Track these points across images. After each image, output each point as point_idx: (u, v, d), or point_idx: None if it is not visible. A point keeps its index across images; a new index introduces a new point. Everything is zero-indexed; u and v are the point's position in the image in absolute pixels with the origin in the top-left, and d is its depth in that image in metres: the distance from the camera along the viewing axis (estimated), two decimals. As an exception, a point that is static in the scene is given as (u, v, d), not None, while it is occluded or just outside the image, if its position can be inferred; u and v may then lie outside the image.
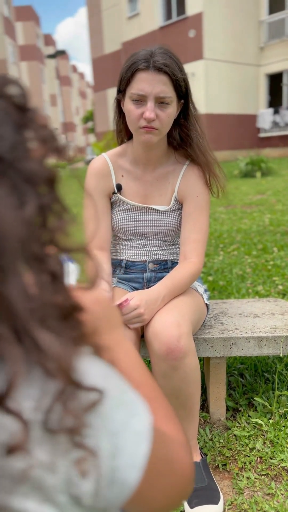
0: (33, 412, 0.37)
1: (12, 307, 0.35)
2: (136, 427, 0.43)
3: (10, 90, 0.39)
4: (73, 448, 0.38)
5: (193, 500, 1.26)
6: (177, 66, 1.30)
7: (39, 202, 0.37)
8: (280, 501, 1.28)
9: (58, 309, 0.39)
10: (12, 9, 31.07)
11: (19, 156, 0.36)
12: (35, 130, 0.39)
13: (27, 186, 0.36)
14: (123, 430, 0.41)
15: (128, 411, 0.42)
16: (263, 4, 16.49)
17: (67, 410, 0.38)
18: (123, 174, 1.49)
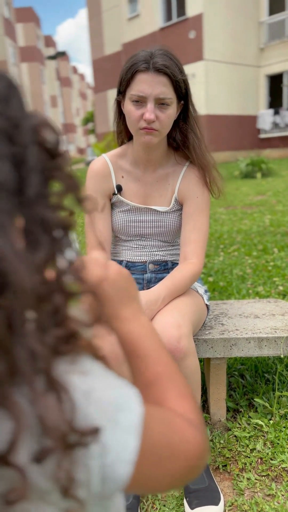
0: (29, 465, 0.38)
1: (17, 367, 0.36)
2: (124, 422, 0.43)
3: (45, 133, 0.39)
4: (63, 500, 0.40)
5: (193, 501, 1.26)
6: (177, 67, 1.31)
7: (52, 247, 0.39)
8: (280, 502, 1.27)
9: (57, 341, 0.40)
10: (12, 10, 31.13)
11: (40, 204, 0.38)
12: (60, 178, 0.40)
13: (42, 232, 0.38)
14: (110, 428, 0.42)
15: (114, 407, 0.43)
16: (263, 5, 16.50)
17: (59, 467, 0.39)
18: (123, 175, 1.49)
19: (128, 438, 0.43)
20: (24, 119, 0.38)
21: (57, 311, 0.40)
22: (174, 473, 0.49)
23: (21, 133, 0.38)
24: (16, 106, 0.38)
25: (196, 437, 0.51)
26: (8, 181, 0.36)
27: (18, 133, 0.37)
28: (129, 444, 0.43)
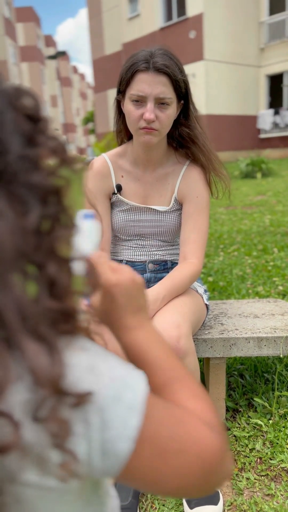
0: (22, 414, 0.39)
1: (2, 317, 0.36)
2: (127, 399, 0.43)
3: (24, 101, 0.40)
4: (55, 451, 0.40)
5: (192, 500, 1.26)
6: (177, 67, 1.31)
7: (43, 212, 0.38)
8: (279, 502, 1.27)
9: (53, 314, 0.40)
10: (12, 10, 31.13)
11: (25, 168, 0.38)
12: (44, 142, 0.40)
13: (31, 197, 0.38)
14: (113, 404, 0.42)
15: (118, 383, 0.43)
16: (264, 5, 16.50)
17: (52, 417, 0.39)
18: (123, 175, 1.49)
19: (130, 415, 0.43)
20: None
21: (54, 282, 0.40)
22: (184, 472, 0.46)
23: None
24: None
25: (212, 437, 0.48)
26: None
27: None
28: (131, 422, 0.43)
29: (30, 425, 0.39)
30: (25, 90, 0.40)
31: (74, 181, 0.42)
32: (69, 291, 0.42)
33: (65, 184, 0.41)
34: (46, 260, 0.39)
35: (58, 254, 0.40)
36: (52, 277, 0.39)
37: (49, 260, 0.39)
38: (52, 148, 0.40)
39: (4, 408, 0.38)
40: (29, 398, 0.39)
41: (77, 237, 0.42)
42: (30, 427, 0.39)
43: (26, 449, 0.39)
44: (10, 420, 0.37)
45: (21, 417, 0.39)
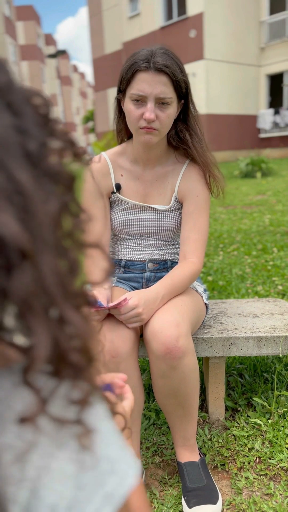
0: (46, 387, 0.40)
1: (43, 281, 0.37)
2: (109, 487, 0.40)
3: (36, 100, 0.42)
4: (75, 424, 0.40)
5: (191, 499, 1.26)
6: (178, 67, 1.30)
7: (60, 199, 0.40)
8: (278, 501, 1.28)
9: (75, 294, 0.41)
10: (13, 9, 31.08)
11: (45, 155, 0.40)
12: (57, 137, 0.42)
13: (50, 184, 0.40)
14: (93, 487, 0.39)
15: (107, 467, 0.41)
16: (264, 5, 16.48)
17: (77, 385, 0.40)
18: (122, 173, 1.49)
19: (104, 506, 0.39)
20: (14, 85, 0.41)
21: (73, 267, 0.41)
22: None
23: (13, 93, 0.40)
24: (4, 75, 0.41)
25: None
26: (11, 125, 0.38)
27: (11, 92, 0.40)
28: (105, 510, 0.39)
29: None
30: (37, 91, 0.43)
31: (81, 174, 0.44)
32: (83, 283, 0.43)
33: (76, 175, 0.43)
34: (67, 245, 0.41)
35: (75, 240, 0.42)
36: (71, 263, 0.41)
37: (69, 245, 0.41)
38: (64, 142, 0.43)
39: (34, 381, 0.39)
40: (50, 385, 0.40)
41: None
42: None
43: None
44: (36, 393, 0.38)
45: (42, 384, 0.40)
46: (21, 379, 0.38)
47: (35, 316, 0.37)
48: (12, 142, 0.37)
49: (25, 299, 0.36)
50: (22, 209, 0.36)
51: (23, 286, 0.36)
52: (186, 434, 1.35)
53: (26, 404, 0.39)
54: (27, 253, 0.36)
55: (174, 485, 1.38)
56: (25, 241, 0.35)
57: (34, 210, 0.37)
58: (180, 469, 1.35)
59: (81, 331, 0.39)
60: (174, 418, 1.33)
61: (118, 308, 1.24)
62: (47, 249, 0.38)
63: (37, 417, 0.38)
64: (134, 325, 1.27)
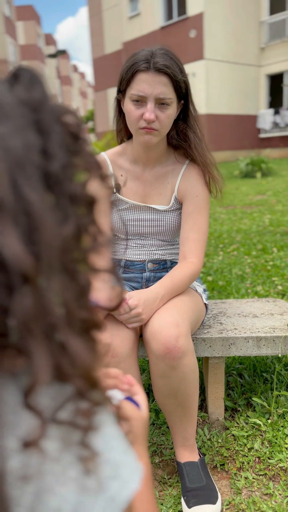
0: (49, 410, 0.39)
1: (45, 306, 0.37)
2: (112, 491, 0.41)
3: (67, 119, 0.42)
4: (80, 447, 0.40)
5: (191, 499, 1.26)
6: (178, 67, 1.30)
7: (78, 222, 0.40)
8: (278, 501, 1.28)
9: (81, 322, 0.41)
10: (13, 9, 31.08)
11: (67, 177, 0.40)
12: (83, 157, 0.42)
13: (70, 206, 0.39)
14: (96, 491, 0.40)
15: (110, 471, 0.41)
16: (264, 5, 16.48)
17: (79, 410, 0.40)
18: (122, 174, 1.49)
19: (107, 509, 0.40)
20: (47, 102, 0.41)
21: (83, 291, 0.40)
22: None
23: (44, 111, 0.40)
24: (39, 91, 0.41)
25: None
26: (35, 144, 0.38)
27: (42, 109, 0.40)
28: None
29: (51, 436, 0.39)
30: (70, 110, 0.43)
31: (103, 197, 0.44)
32: (94, 306, 0.43)
33: (97, 198, 0.42)
34: (78, 269, 0.40)
35: (89, 265, 0.41)
36: (82, 287, 0.40)
37: (81, 269, 0.41)
38: (90, 164, 0.42)
39: (34, 404, 0.38)
40: (55, 400, 0.40)
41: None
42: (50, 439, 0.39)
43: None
44: (38, 416, 0.38)
45: (47, 415, 0.39)
46: (23, 402, 0.38)
47: (34, 339, 0.37)
48: (30, 161, 0.37)
49: (25, 322, 0.36)
50: (29, 231, 0.36)
51: (22, 309, 0.35)
52: (185, 434, 1.35)
53: (29, 427, 0.39)
54: (29, 277, 0.35)
55: (173, 485, 1.38)
56: (27, 264, 0.35)
57: (44, 233, 0.36)
58: (180, 469, 1.35)
59: (83, 359, 0.39)
60: (173, 418, 1.33)
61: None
62: (53, 274, 0.37)
63: (40, 440, 0.38)
64: (133, 325, 1.27)
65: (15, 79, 0.42)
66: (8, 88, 0.41)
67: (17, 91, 0.40)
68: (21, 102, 0.39)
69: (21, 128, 0.38)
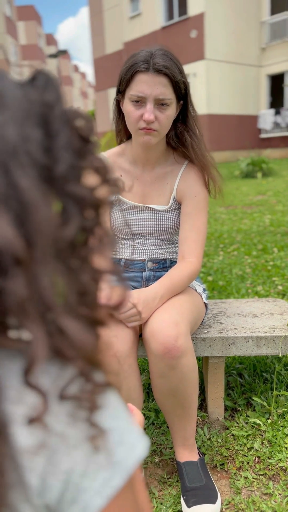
0: (51, 388, 0.40)
1: (39, 289, 0.38)
2: (118, 456, 0.42)
3: (79, 122, 0.43)
4: (87, 425, 0.41)
5: (190, 499, 1.26)
6: (177, 68, 1.30)
7: (83, 224, 0.41)
8: (277, 501, 1.28)
9: (84, 318, 0.41)
10: (14, 9, 31.09)
11: (72, 179, 0.40)
12: (91, 161, 0.43)
13: (74, 208, 0.40)
14: (104, 456, 0.41)
15: (116, 437, 0.43)
16: (265, 5, 16.47)
17: (82, 391, 0.41)
18: (121, 174, 1.49)
19: (115, 476, 0.42)
20: (58, 105, 0.42)
21: (86, 292, 0.41)
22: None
23: (54, 114, 0.41)
24: (52, 94, 0.42)
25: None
26: (34, 137, 0.39)
27: (52, 113, 0.41)
28: (113, 482, 0.42)
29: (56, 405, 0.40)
30: (82, 114, 0.44)
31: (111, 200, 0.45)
32: (96, 303, 0.43)
33: (104, 201, 0.43)
34: (80, 269, 0.41)
35: (91, 265, 0.42)
36: (84, 286, 0.41)
37: (83, 269, 0.41)
38: (98, 167, 0.43)
39: (35, 382, 0.39)
40: (58, 378, 0.41)
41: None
42: (56, 408, 0.40)
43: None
44: (39, 393, 0.39)
45: (48, 392, 0.40)
46: (23, 380, 0.39)
47: (29, 319, 0.38)
48: (25, 151, 0.38)
49: (19, 302, 0.37)
50: (21, 216, 0.36)
51: (15, 289, 0.36)
52: (185, 434, 1.35)
53: (32, 404, 0.40)
54: (21, 260, 0.36)
55: (173, 484, 1.38)
56: (18, 247, 0.35)
57: (34, 219, 0.37)
58: (179, 469, 1.35)
59: (82, 342, 0.39)
60: (173, 417, 1.33)
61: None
62: (47, 259, 0.38)
63: (44, 416, 0.39)
64: (133, 324, 1.27)
65: (31, 81, 0.43)
66: (19, 86, 0.41)
67: (28, 90, 0.41)
68: (29, 98, 0.40)
69: (21, 119, 0.39)
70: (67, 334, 0.39)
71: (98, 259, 0.43)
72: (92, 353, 0.41)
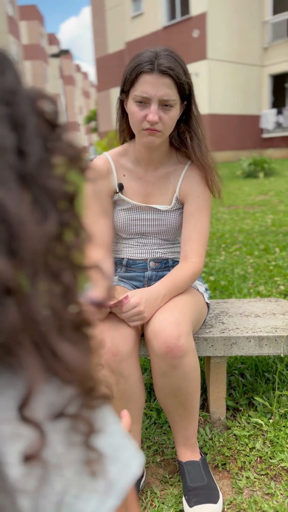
0: (47, 420, 0.38)
1: (32, 315, 0.35)
2: (111, 476, 0.41)
3: (43, 105, 0.39)
4: (85, 449, 0.39)
5: (192, 498, 1.26)
6: (182, 69, 1.30)
7: (59, 218, 0.38)
8: (279, 501, 1.27)
9: (70, 321, 0.39)
10: (16, 8, 31.10)
11: (44, 173, 0.37)
12: (62, 149, 0.40)
13: (49, 202, 0.37)
14: (97, 475, 0.39)
15: (112, 452, 0.41)
16: (267, 5, 16.46)
17: (79, 416, 0.39)
18: (124, 174, 1.49)
19: (109, 498, 0.40)
20: (20, 89, 0.39)
21: (68, 290, 0.39)
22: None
23: (18, 101, 0.38)
24: (11, 77, 0.39)
25: None
26: (8, 143, 0.36)
27: (15, 100, 0.38)
28: (108, 503, 0.40)
29: (52, 427, 0.38)
30: (45, 94, 0.40)
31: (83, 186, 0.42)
32: (78, 301, 0.41)
33: (77, 191, 0.40)
34: (62, 268, 0.39)
35: (73, 262, 0.40)
36: (67, 284, 0.39)
37: (65, 268, 0.39)
38: (69, 155, 0.40)
39: (31, 414, 0.37)
40: (55, 400, 0.39)
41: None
42: (52, 430, 0.38)
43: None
44: (36, 428, 0.37)
45: (44, 419, 0.38)
46: (18, 416, 0.37)
47: (24, 351, 0.36)
48: (4, 164, 0.35)
49: (12, 335, 0.35)
50: (9, 240, 0.34)
51: (8, 322, 0.34)
52: (187, 434, 1.35)
53: (28, 441, 0.37)
54: (12, 289, 0.34)
55: (175, 484, 1.38)
56: (9, 276, 0.33)
57: (23, 240, 0.34)
58: (181, 468, 1.35)
59: (76, 364, 0.38)
60: (175, 417, 1.33)
61: (119, 306, 1.24)
62: (38, 278, 0.36)
63: (41, 452, 0.37)
64: (135, 323, 1.27)
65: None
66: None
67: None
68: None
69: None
70: (62, 358, 0.37)
71: (76, 254, 0.40)
72: (87, 374, 0.39)
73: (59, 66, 28.52)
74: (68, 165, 0.40)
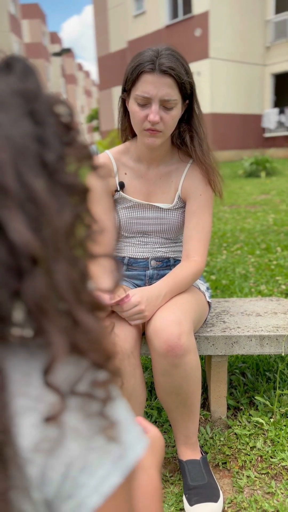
0: (67, 385, 0.41)
1: (57, 286, 0.39)
2: (117, 453, 0.43)
3: (59, 109, 0.43)
4: (99, 417, 0.42)
5: (192, 497, 1.26)
6: (183, 68, 1.29)
7: (74, 210, 0.41)
8: (280, 500, 1.27)
9: (88, 297, 0.43)
10: (18, 7, 31.10)
11: (61, 168, 0.41)
12: (76, 148, 0.43)
13: (65, 195, 0.41)
14: (103, 451, 0.42)
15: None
16: (270, 4, 16.42)
17: (97, 382, 0.42)
18: (126, 172, 1.49)
19: (114, 473, 0.42)
20: (41, 93, 0.42)
21: (83, 276, 0.42)
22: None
23: (39, 103, 0.41)
24: (34, 82, 0.43)
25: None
26: (33, 134, 0.39)
27: (37, 102, 0.41)
28: (111, 479, 0.42)
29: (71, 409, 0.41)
30: (62, 100, 0.44)
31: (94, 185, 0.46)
32: (92, 288, 0.44)
33: (90, 187, 0.44)
34: (77, 255, 0.42)
35: (86, 251, 0.43)
36: (82, 272, 0.42)
37: (80, 255, 0.42)
38: (82, 154, 0.43)
39: (53, 381, 0.40)
40: (74, 371, 0.42)
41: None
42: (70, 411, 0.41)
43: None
44: (57, 392, 0.40)
45: (64, 387, 0.41)
46: (43, 380, 0.40)
47: (48, 319, 0.38)
48: (29, 150, 0.38)
49: (38, 303, 0.38)
50: (36, 217, 0.37)
51: (35, 290, 0.37)
52: (187, 432, 1.35)
53: (50, 403, 0.40)
54: (39, 260, 0.37)
55: (175, 483, 1.38)
56: (36, 248, 0.37)
57: (48, 219, 0.38)
58: (182, 467, 1.35)
59: (96, 333, 0.41)
60: (176, 416, 1.33)
61: (120, 305, 1.24)
62: (61, 257, 0.39)
63: (61, 415, 0.39)
64: (136, 322, 1.27)
65: (7, 68, 0.43)
66: (1, 78, 0.42)
67: (11, 81, 0.41)
68: (16, 92, 0.41)
69: (19, 117, 0.39)
70: (83, 327, 0.40)
71: (90, 245, 0.44)
72: (105, 343, 0.42)
73: (61, 64, 28.53)
74: (81, 164, 0.43)
